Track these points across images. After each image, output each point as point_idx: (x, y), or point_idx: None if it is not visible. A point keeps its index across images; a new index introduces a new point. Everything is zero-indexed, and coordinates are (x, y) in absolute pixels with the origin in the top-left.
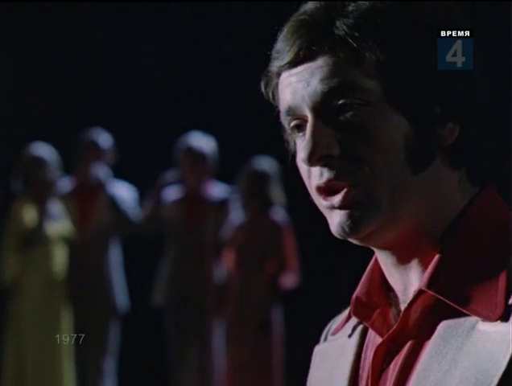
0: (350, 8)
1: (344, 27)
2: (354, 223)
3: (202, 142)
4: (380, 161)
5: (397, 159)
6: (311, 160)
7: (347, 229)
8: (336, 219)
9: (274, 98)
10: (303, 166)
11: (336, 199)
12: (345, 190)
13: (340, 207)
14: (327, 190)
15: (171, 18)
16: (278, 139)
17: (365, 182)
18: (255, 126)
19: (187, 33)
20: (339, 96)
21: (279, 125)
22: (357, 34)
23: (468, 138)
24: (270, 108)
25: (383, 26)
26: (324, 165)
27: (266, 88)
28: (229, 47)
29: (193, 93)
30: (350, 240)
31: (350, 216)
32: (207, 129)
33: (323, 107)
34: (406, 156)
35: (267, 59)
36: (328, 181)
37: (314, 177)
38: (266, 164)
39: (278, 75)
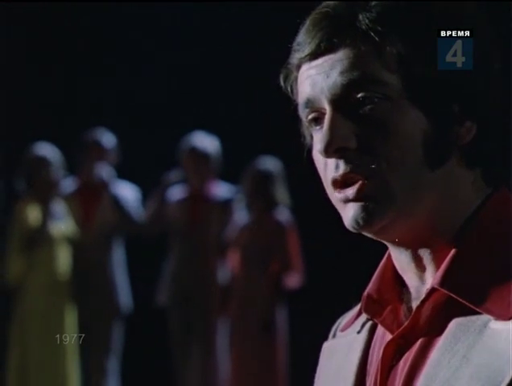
0: (373, 2)
1: (367, 21)
2: (368, 216)
3: (206, 142)
4: (397, 157)
5: (414, 155)
6: (328, 151)
7: (361, 222)
8: (349, 213)
9: (292, 92)
10: (319, 159)
11: (351, 191)
12: (360, 182)
13: (355, 200)
14: (342, 183)
15: (174, 18)
16: (282, 139)
17: (381, 176)
18: (259, 126)
19: (190, 32)
20: (358, 89)
21: (292, 122)
22: (379, 28)
23: (485, 138)
24: (274, 108)
25: (405, 22)
26: (340, 157)
27: (285, 81)
28: (233, 46)
29: (197, 93)
30: (363, 233)
31: (364, 209)
32: (211, 129)
33: (342, 99)
34: (423, 152)
35: (272, 60)
36: (344, 174)
37: (330, 169)
38: (270, 164)
39: (298, 67)
